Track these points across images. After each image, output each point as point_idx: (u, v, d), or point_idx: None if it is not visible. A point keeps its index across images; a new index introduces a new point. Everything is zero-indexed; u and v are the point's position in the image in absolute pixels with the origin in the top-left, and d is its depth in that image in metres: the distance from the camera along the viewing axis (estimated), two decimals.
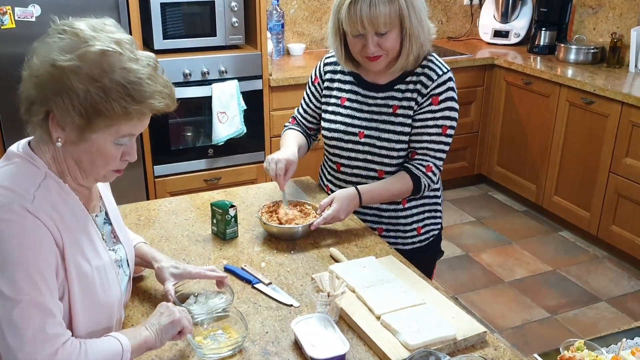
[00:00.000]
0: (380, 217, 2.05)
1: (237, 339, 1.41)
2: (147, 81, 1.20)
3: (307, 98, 2.17)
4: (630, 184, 3.51)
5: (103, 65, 1.16)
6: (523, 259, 3.81)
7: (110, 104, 1.17)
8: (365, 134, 1.97)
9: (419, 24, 1.82)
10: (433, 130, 1.91)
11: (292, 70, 3.91)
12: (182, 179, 3.66)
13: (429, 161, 1.93)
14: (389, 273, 1.66)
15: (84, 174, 1.27)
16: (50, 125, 1.20)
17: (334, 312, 1.49)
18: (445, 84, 1.91)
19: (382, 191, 1.95)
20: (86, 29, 1.19)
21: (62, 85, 1.16)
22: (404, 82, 1.94)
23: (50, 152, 1.25)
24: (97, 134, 1.20)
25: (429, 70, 1.92)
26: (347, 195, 1.90)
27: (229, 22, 3.57)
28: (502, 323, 3.18)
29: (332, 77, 2.07)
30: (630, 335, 1.44)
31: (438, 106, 1.90)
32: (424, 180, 1.93)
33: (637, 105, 3.38)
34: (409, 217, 2.05)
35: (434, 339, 1.39)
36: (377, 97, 1.97)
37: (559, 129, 3.95)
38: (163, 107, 1.24)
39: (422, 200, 2.06)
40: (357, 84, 2.01)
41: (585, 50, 4.15)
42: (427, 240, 2.11)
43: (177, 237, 1.89)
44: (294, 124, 2.24)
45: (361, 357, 1.40)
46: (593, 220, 3.82)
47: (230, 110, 3.56)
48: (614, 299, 3.40)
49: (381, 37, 1.81)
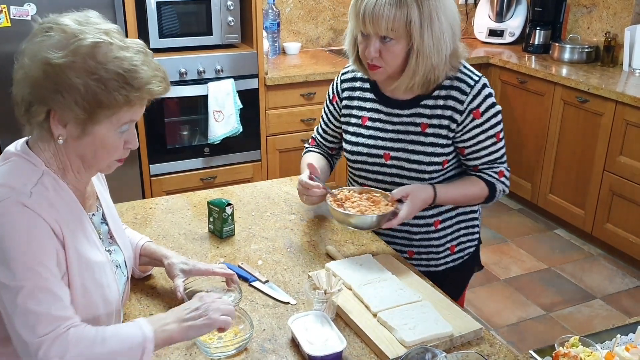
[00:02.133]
0: (411, 239, 1.90)
1: (243, 336, 1.41)
2: (142, 67, 1.21)
3: (325, 117, 2.02)
4: (625, 182, 3.53)
5: (97, 57, 1.17)
6: (518, 257, 3.82)
7: (111, 94, 1.17)
8: (392, 155, 1.81)
9: (432, 43, 1.64)
10: (488, 142, 1.77)
11: (288, 69, 3.92)
12: (178, 178, 3.66)
13: (499, 167, 1.81)
14: (385, 271, 1.67)
15: (87, 167, 1.28)
16: (51, 124, 1.20)
17: (330, 310, 1.50)
18: (480, 93, 1.74)
19: (459, 196, 1.80)
20: (72, 23, 1.20)
21: (61, 82, 1.16)
22: (431, 96, 1.77)
23: (50, 150, 1.25)
24: (99, 126, 1.21)
25: (459, 82, 1.74)
26: (422, 198, 1.72)
27: (224, 21, 3.58)
28: (497, 320, 3.20)
29: (351, 94, 1.91)
30: (624, 331, 1.45)
31: (482, 118, 1.74)
32: (499, 186, 1.81)
33: (631, 104, 3.40)
34: (442, 238, 1.90)
35: (430, 335, 1.40)
36: (403, 115, 1.80)
37: (553, 128, 3.97)
38: (161, 91, 1.25)
39: (457, 217, 1.91)
40: (379, 101, 1.84)
41: (580, 49, 4.16)
42: (462, 258, 1.96)
43: (174, 236, 1.90)
44: (314, 145, 2.10)
45: (358, 354, 1.40)
46: (588, 219, 3.83)
47: (226, 109, 3.56)
48: (609, 297, 3.41)
49: (384, 44, 1.67)
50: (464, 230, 1.94)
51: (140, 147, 3.49)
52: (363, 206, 1.74)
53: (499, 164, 1.82)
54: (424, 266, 1.92)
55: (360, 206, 1.74)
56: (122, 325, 1.25)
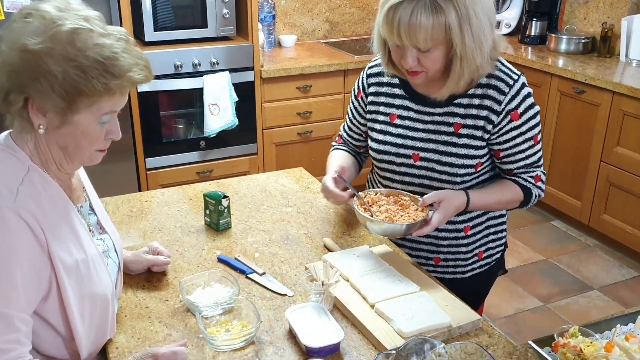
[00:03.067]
0: (438, 246, 1.80)
1: (250, 329, 1.40)
2: (122, 55, 1.19)
3: (350, 114, 1.90)
4: (622, 172, 3.53)
5: (76, 43, 1.15)
6: (515, 248, 3.82)
7: (90, 82, 1.15)
8: (421, 156, 1.70)
9: (474, 44, 1.51)
10: (525, 146, 1.66)
11: (283, 61, 3.90)
12: (174, 172, 3.64)
13: (535, 171, 1.71)
14: (382, 262, 1.66)
15: (68, 159, 1.26)
16: (30, 113, 1.18)
17: (328, 301, 1.49)
18: (519, 93, 1.63)
19: (492, 202, 1.70)
20: (51, 9, 1.17)
21: (38, 69, 1.14)
22: (466, 95, 1.65)
23: (32, 142, 1.23)
24: (79, 115, 1.19)
25: (496, 81, 1.62)
26: (456, 204, 1.63)
27: (219, 13, 3.55)
28: (495, 312, 3.20)
29: (378, 90, 1.78)
30: (624, 321, 1.45)
31: (520, 120, 1.63)
32: (535, 191, 1.71)
33: (627, 94, 3.39)
34: (471, 244, 1.81)
35: (428, 326, 1.40)
36: (435, 114, 1.68)
37: (550, 119, 3.96)
38: (142, 79, 1.23)
39: (487, 222, 1.82)
40: (410, 98, 1.72)
41: (576, 40, 4.15)
42: (489, 264, 1.88)
43: (170, 229, 1.89)
44: (341, 142, 1.98)
45: (356, 345, 1.40)
46: (585, 210, 3.83)
47: (222, 102, 3.54)
48: (606, 287, 3.42)
49: (422, 53, 1.53)
50: (492, 236, 1.86)
51: (135, 140, 3.47)
52: (391, 211, 1.63)
53: (536, 168, 1.72)
54: (450, 273, 1.83)
55: (389, 211, 1.63)
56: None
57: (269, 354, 1.36)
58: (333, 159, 1.88)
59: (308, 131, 3.88)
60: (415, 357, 1.24)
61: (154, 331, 1.43)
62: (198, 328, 1.42)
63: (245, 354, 1.36)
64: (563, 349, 1.29)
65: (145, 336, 1.42)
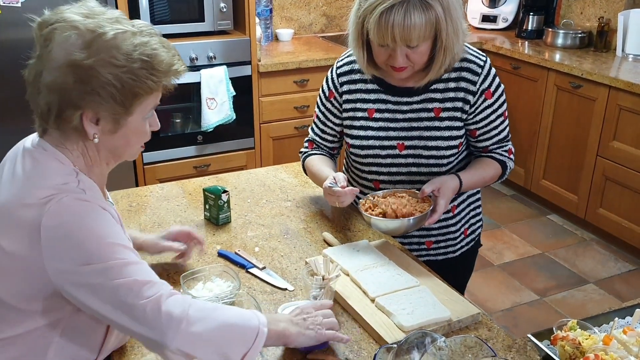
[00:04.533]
0: (430, 229, 1.86)
1: None
2: (161, 50, 1.20)
3: (322, 117, 1.90)
4: (618, 167, 3.55)
5: (121, 48, 1.14)
6: (512, 242, 3.84)
7: (144, 83, 1.17)
8: (407, 145, 1.75)
9: (454, 34, 1.60)
10: (498, 122, 1.78)
11: (280, 55, 3.90)
12: (172, 166, 3.64)
13: (507, 145, 1.84)
14: (382, 256, 1.67)
15: (117, 158, 1.29)
16: (85, 125, 1.17)
17: (328, 295, 1.50)
18: (489, 73, 1.73)
19: (479, 180, 1.79)
20: (78, 17, 1.16)
21: (95, 81, 1.13)
22: (441, 80, 1.72)
23: (78, 150, 1.22)
24: (132, 116, 1.20)
25: (468, 63, 1.72)
26: (452, 187, 1.70)
27: (217, 7, 3.55)
28: (491, 306, 3.21)
29: (351, 87, 1.81)
30: (621, 314, 1.46)
31: (493, 98, 1.74)
32: (509, 164, 1.83)
33: (624, 89, 3.40)
34: (458, 223, 1.90)
35: (428, 320, 1.40)
36: (413, 102, 1.74)
37: (547, 113, 3.97)
38: (184, 69, 1.25)
39: (468, 200, 1.91)
40: (384, 91, 1.77)
41: (573, 34, 4.16)
42: (473, 240, 1.98)
43: (169, 223, 1.89)
44: (313, 147, 1.96)
45: (356, 339, 1.40)
46: (581, 204, 3.85)
47: (219, 97, 3.54)
48: (602, 281, 3.44)
49: (411, 49, 1.59)
50: (472, 212, 1.95)
51: None
52: (394, 208, 1.65)
53: (507, 142, 1.84)
54: (442, 254, 1.90)
55: (392, 209, 1.65)
56: (240, 308, 1.26)
57: (270, 348, 1.36)
58: (319, 164, 1.86)
59: (305, 125, 3.88)
60: (417, 350, 1.25)
61: None
62: None
63: None
64: (562, 342, 1.30)
65: None
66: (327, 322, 1.32)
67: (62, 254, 1.11)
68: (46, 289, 1.15)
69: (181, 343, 1.12)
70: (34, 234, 1.11)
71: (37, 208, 1.12)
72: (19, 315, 1.19)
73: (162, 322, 1.11)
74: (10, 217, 1.15)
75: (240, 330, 1.18)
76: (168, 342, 1.12)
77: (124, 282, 1.12)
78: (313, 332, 1.28)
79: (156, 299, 1.12)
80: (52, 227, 1.11)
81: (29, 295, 1.17)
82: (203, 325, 1.14)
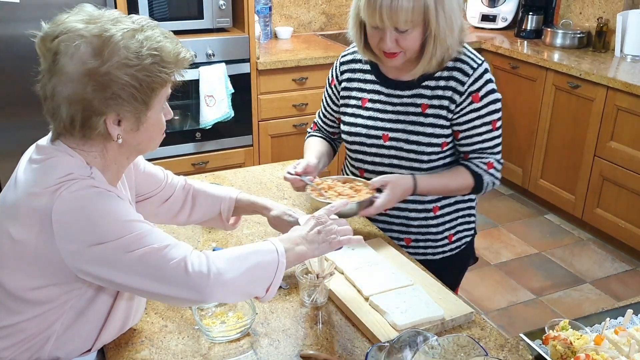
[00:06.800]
0: (409, 226, 1.88)
1: (245, 321, 1.41)
2: (165, 41, 1.21)
3: (324, 102, 2.00)
4: (615, 167, 3.55)
5: (131, 47, 1.16)
6: (509, 241, 3.85)
7: (158, 77, 1.19)
8: (391, 136, 1.78)
9: (446, 26, 1.62)
10: (483, 129, 1.74)
11: (279, 53, 3.90)
12: (170, 163, 3.64)
13: (488, 158, 1.77)
14: (377, 255, 1.68)
15: (138, 152, 1.32)
16: (109, 128, 1.19)
17: (322, 294, 1.51)
18: (482, 77, 1.72)
19: (440, 186, 1.77)
20: (83, 25, 1.16)
21: (115, 85, 1.15)
22: (433, 77, 1.74)
23: (97, 151, 1.24)
24: (151, 111, 1.23)
25: (461, 64, 1.72)
26: (402, 185, 1.71)
27: (216, 4, 3.55)
28: (488, 305, 3.22)
29: (351, 76, 1.88)
30: (613, 315, 1.47)
31: (480, 103, 1.72)
32: (486, 178, 1.77)
33: (622, 89, 3.41)
34: (440, 226, 1.88)
35: (422, 319, 1.41)
36: (404, 96, 1.78)
37: (545, 113, 3.98)
38: (190, 57, 1.27)
39: (456, 205, 1.89)
40: (380, 83, 1.82)
41: (572, 34, 4.16)
42: (459, 248, 1.94)
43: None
44: (316, 130, 2.07)
45: (350, 337, 1.41)
46: (578, 204, 3.86)
47: (217, 94, 3.54)
48: (598, 281, 3.45)
49: (401, 34, 1.62)
50: (461, 219, 1.92)
51: None
52: (344, 194, 1.71)
53: (490, 155, 1.78)
54: (421, 254, 1.90)
55: (341, 194, 1.71)
56: (257, 243, 1.29)
57: (264, 346, 1.38)
58: (309, 146, 1.96)
59: (304, 123, 3.88)
60: (409, 349, 1.25)
61: (150, 322, 1.45)
62: (194, 319, 1.43)
63: (241, 346, 1.38)
64: (553, 341, 1.31)
65: (141, 327, 1.43)
66: (341, 230, 1.40)
67: (76, 235, 1.13)
68: (53, 278, 1.17)
69: (217, 296, 1.20)
70: (44, 220, 1.13)
71: (47, 196, 1.14)
72: (22, 305, 1.20)
73: (195, 281, 1.16)
74: (20, 206, 1.17)
75: (263, 268, 1.24)
76: (207, 297, 1.18)
77: (145, 251, 1.14)
78: (327, 243, 1.36)
79: (181, 260, 1.16)
80: (64, 211, 1.13)
81: (33, 284, 1.18)
82: (232, 274, 1.20)
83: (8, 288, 1.20)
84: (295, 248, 1.31)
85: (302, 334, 1.42)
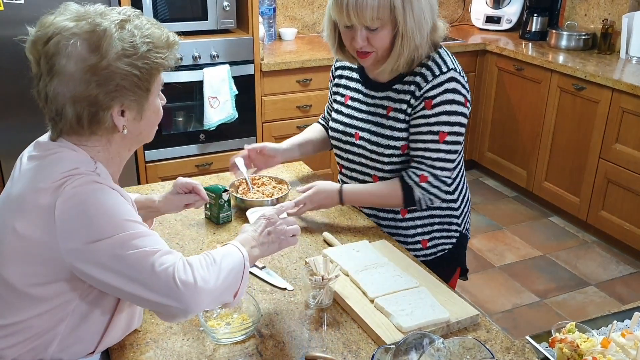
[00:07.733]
0: (380, 225, 1.91)
1: (250, 323, 1.41)
2: (154, 27, 1.23)
3: (328, 95, 2.09)
4: (620, 169, 3.54)
5: (125, 38, 1.17)
6: (513, 244, 3.84)
7: (155, 63, 1.21)
8: (360, 135, 1.84)
9: (415, 25, 1.63)
10: (428, 137, 1.71)
11: (283, 55, 3.90)
12: (174, 164, 3.64)
13: (423, 170, 1.72)
14: (382, 257, 1.67)
15: (139, 142, 1.32)
16: (114, 120, 1.20)
17: (327, 296, 1.50)
18: (441, 85, 1.68)
19: (366, 195, 1.82)
20: (73, 23, 1.16)
21: (117, 77, 1.16)
22: (401, 81, 1.76)
23: (100, 145, 1.25)
24: (152, 97, 1.25)
25: (425, 70, 1.71)
26: (326, 189, 1.80)
27: (220, 6, 3.55)
28: (492, 307, 3.21)
29: (342, 73, 1.96)
30: (620, 317, 1.46)
31: (432, 110, 1.69)
32: (417, 192, 1.73)
33: (627, 91, 3.40)
34: (410, 229, 1.87)
35: (427, 321, 1.41)
36: (376, 97, 1.82)
37: (549, 115, 3.97)
38: (178, 40, 1.29)
39: (430, 211, 1.86)
40: (362, 83, 1.87)
41: (577, 36, 4.15)
42: (435, 255, 1.90)
43: (170, 222, 1.89)
44: (322, 117, 2.18)
45: (355, 339, 1.41)
46: (582, 206, 3.85)
47: (221, 95, 3.54)
48: (603, 284, 3.43)
49: (371, 33, 1.65)
50: (438, 226, 1.88)
51: None
52: (266, 193, 1.93)
53: (427, 167, 1.73)
54: None
55: (265, 193, 1.94)
56: (223, 248, 1.30)
57: (269, 347, 1.37)
58: (302, 133, 2.14)
59: (307, 124, 3.86)
60: (414, 351, 1.25)
61: (155, 323, 1.44)
62: (199, 321, 1.43)
63: (246, 347, 1.37)
64: (560, 344, 1.30)
65: (146, 329, 1.43)
66: (290, 229, 1.42)
67: (74, 232, 1.13)
68: (57, 274, 1.17)
69: (202, 305, 1.19)
70: (49, 216, 1.13)
71: (52, 191, 1.14)
72: (26, 301, 1.20)
73: (181, 290, 1.14)
74: (25, 202, 1.17)
75: (235, 273, 1.25)
76: (192, 307, 1.16)
77: (136, 253, 1.14)
78: (276, 244, 1.40)
79: (170, 266, 1.15)
80: (66, 207, 1.13)
81: (39, 280, 1.18)
82: (213, 281, 1.20)
83: (12, 283, 1.19)
84: (251, 251, 1.33)
85: (307, 336, 1.41)
